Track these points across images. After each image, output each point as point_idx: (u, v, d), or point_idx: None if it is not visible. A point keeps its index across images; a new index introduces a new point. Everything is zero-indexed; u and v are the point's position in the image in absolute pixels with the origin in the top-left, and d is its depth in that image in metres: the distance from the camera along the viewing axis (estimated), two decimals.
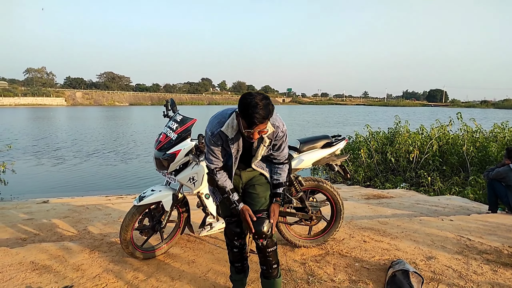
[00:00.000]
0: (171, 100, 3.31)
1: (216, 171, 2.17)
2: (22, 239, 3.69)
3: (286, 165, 2.30)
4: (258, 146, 2.13)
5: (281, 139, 2.17)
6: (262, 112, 1.84)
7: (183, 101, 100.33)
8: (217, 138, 2.08)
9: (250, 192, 2.26)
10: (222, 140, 2.09)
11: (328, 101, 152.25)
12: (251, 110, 1.82)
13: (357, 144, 10.49)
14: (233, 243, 2.30)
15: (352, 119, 40.56)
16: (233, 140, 2.08)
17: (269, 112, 1.88)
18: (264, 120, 1.88)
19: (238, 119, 1.98)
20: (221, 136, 2.07)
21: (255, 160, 2.20)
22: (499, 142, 8.80)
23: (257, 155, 2.16)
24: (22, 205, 5.56)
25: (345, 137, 3.41)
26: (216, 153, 2.14)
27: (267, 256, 2.22)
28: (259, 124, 1.87)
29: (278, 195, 2.25)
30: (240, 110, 1.90)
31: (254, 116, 1.83)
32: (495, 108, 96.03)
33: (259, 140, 2.10)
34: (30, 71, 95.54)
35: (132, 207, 2.82)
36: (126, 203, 5.70)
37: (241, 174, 2.28)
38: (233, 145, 2.09)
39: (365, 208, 5.33)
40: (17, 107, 66.30)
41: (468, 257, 3.10)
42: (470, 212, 5.12)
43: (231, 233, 2.28)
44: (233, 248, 2.32)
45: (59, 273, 2.69)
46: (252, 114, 1.83)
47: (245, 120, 1.88)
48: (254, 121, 1.84)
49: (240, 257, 2.35)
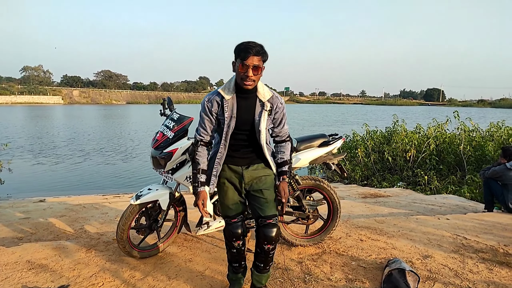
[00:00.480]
0: (168, 98, 3.30)
1: (199, 144, 2.20)
2: (18, 238, 3.67)
3: (289, 143, 2.31)
4: (261, 114, 2.10)
5: (282, 112, 2.19)
6: (256, 46, 1.93)
7: (181, 100, 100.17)
8: (211, 103, 2.11)
9: (258, 197, 2.21)
10: (218, 105, 2.10)
11: (325, 100, 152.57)
12: (246, 44, 1.93)
13: (355, 143, 10.51)
14: (232, 244, 2.26)
15: (350, 118, 40.65)
16: (228, 102, 2.08)
17: (262, 48, 1.95)
18: (258, 53, 1.93)
19: (235, 67, 2.00)
20: (217, 100, 2.10)
21: (262, 135, 2.13)
22: (496, 141, 8.84)
23: (261, 126, 2.11)
24: (19, 204, 5.54)
25: (342, 136, 3.42)
26: (206, 123, 2.16)
27: (268, 257, 2.24)
28: (253, 55, 1.91)
29: (284, 173, 2.24)
30: (235, 48, 1.96)
31: (248, 47, 1.91)
32: (491, 107, 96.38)
33: (261, 106, 2.11)
34: (27, 69, 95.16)
35: (129, 206, 2.81)
36: (123, 202, 5.69)
37: (244, 173, 2.21)
38: (227, 108, 2.07)
39: (362, 207, 5.34)
40: (13, 106, 66.01)
41: (464, 256, 3.11)
42: (466, 211, 5.14)
43: (230, 234, 2.24)
44: (231, 249, 2.29)
45: (56, 272, 2.68)
46: (246, 46, 1.92)
47: (240, 54, 1.93)
48: (249, 51, 1.90)
49: (238, 258, 2.33)
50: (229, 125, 2.10)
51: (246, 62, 1.91)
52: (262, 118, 2.10)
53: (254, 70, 1.95)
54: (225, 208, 2.28)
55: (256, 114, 2.11)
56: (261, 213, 2.18)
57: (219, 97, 2.09)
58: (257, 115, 2.11)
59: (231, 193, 2.25)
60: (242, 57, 1.92)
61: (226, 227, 2.27)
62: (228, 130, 2.11)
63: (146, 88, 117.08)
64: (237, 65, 1.98)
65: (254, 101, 2.11)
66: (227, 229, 2.26)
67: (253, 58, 1.92)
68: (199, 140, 2.20)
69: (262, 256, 2.24)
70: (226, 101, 2.07)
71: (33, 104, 71.06)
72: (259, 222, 2.19)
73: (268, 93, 2.12)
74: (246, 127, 2.14)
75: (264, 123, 2.11)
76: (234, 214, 2.25)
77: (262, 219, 2.18)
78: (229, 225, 2.24)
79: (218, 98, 2.09)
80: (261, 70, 1.99)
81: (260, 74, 2.01)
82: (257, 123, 2.11)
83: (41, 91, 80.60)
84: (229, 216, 2.26)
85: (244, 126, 2.13)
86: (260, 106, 2.11)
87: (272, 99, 2.13)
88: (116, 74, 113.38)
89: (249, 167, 2.22)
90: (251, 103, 2.11)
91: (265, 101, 2.10)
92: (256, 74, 1.97)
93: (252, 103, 2.11)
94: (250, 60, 1.91)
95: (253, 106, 2.11)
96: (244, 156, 2.22)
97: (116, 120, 33.87)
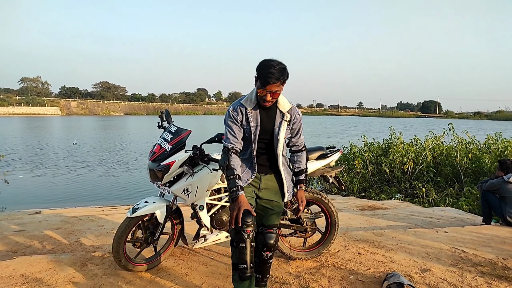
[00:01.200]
0: (166, 111, 3.31)
1: (232, 151, 2.18)
2: (12, 251, 3.63)
3: (304, 152, 2.41)
4: (280, 124, 2.20)
5: (299, 122, 2.30)
6: (276, 72, 1.98)
7: (179, 111, 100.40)
8: (237, 113, 2.18)
9: (265, 207, 2.28)
10: (242, 115, 2.18)
11: (323, 111, 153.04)
12: (266, 70, 1.98)
13: (352, 155, 10.51)
14: (241, 236, 2.04)
15: (349, 130, 40.80)
16: (251, 113, 2.17)
17: (282, 74, 2.01)
18: (277, 80, 2.00)
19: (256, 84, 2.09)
20: (241, 110, 2.18)
21: (279, 145, 2.22)
22: (493, 153, 8.87)
23: (279, 135, 2.20)
24: (14, 216, 5.49)
25: (339, 148, 3.43)
26: (234, 130, 2.19)
27: (266, 266, 2.29)
28: (272, 83, 1.99)
29: (301, 182, 2.35)
30: (257, 70, 2.04)
31: (268, 75, 1.97)
32: (488, 119, 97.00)
33: (281, 117, 2.21)
34: (25, 81, 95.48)
35: (125, 219, 2.79)
36: (119, 214, 5.65)
37: (261, 179, 2.28)
38: (252, 118, 2.16)
39: (360, 220, 5.32)
40: (11, 117, 65.89)
41: (462, 270, 3.09)
42: (464, 224, 5.13)
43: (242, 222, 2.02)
44: (239, 243, 2.05)
45: (50, 287, 2.64)
46: (266, 73, 1.97)
47: (260, 79, 2.01)
48: (268, 80, 1.98)
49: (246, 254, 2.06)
50: (255, 134, 2.19)
51: (265, 89, 2.02)
52: (282, 128, 2.21)
53: (272, 94, 2.05)
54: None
55: (276, 124, 2.22)
56: (264, 222, 2.27)
57: (244, 109, 2.18)
58: (277, 125, 2.21)
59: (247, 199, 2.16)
60: (262, 83, 2.01)
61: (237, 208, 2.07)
62: (255, 138, 2.20)
63: (144, 99, 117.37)
64: (257, 86, 2.08)
65: (274, 111, 2.22)
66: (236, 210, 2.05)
67: (271, 86, 2.01)
68: (231, 148, 2.18)
69: (260, 265, 2.28)
70: (250, 111, 2.17)
71: (31, 115, 71.04)
72: (260, 230, 2.25)
73: (288, 105, 2.24)
74: (266, 136, 2.23)
75: (283, 133, 2.21)
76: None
77: (264, 227, 2.26)
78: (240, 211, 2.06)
79: (243, 109, 2.18)
80: (280, 91, 2.09)
81: (279, 94, 2.10)
82: (276, 132, 2.21)
83: (39, 102, 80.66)
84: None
85: (265, 135, 2.23)
86: (280, 116, 2.22)
87: (291, 110, 2.24)
88: (114, 85, 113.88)
89: (267, 175, 2.30)
90: (272, 114, 2.22)
91: (285, 112, 2.22)
92: (274, 98, 2.09)
93: (273, 114, 2.22)
94: (269, 87, 2.01)
95: (273, 116, 2.22)
96: (263, 163, 2.28)
97: (114, 131, 33.83)
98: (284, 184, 2.30)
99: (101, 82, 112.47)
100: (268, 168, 2.30)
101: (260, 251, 2.24)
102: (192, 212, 3.12)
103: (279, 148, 2.23)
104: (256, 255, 2.27)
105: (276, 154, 2.25)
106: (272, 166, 2.31)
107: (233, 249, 2.11)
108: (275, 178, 2.32)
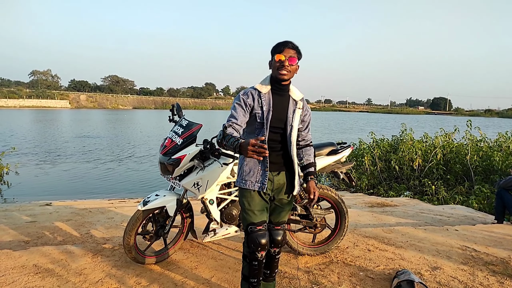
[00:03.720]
0: (177, 104, 3.31)
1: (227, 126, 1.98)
2: (25, 242, 3.68)
3: (312, 147, 2.40)
4: (294, 111, 2.19)
5: (309, 115, 2.32)
6: (291, 42, 2.08)
7: (187, 106, 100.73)
8: (247, 96, 2.13)
9: (276, 205, 2.26)
10: (253, 99, 2.12)
11: (331, 107, 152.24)
12: (283, 41, 2.08)
13: (361, 151, 10.45)
14: (255, 256, 2.12)
15: (360, 126, 40.53)
16: (265, 97, 2.13)
17: (297, 46, 2.10)
18: (294, 47, 2.07)
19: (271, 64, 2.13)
20: (253, 95, 2.13)
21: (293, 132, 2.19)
22: (504, 151, 8.75)
23: (294, 122, 2.18)
24: (25, 207, 5.56)
25: (350, 144, 3.40)
26: (239, 112, 2.08)
27: (274, 262, 2.29)
28: (290, 48, 2.06)
29: (311, 173, 2.32)
30: (273, 48, 2.11)
31: (285, 42, 2.07)
32: (499, 117, 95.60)
33: (294, 105, 2.20)
34: (35, 74, 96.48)
35: (136, 212, 2.81)
36: (129, 207, 5.69)
37: (274, 179, 2.17)
38: (265, 102, 2.12)
39: (369, 216, 5.29)
40: (21, 109, 66.68)
41: (474, 268, 3.06)
42: (475, 222, 5.07)
43: (255, 243, 2.08)
44: (252, 261, 2.15)
45: (62, 277, 2.67)
46: (284, 42, 2.08)
47: (277, 47, 2.07)
48: (286, 44, 2.06)
49: (258, 272, 2.19)
50: (268, 118, 2.11)
51: (283, 53, 2.05)
52: (296, 115, 2.19)
53: (290, 60, 2.06)
54: (249, 214, 2.14)
55: (290, 111, 2.19)
56: (273, 219, 2.26)
57: (255, 92, 2.14)
58: (290, 112, 2.19)
59: (258, 198, 2.15)
60: (279, 50, 2.06)
61: (250, 236, 2.11)
62: (266, 123, 2.10)
63: (152, 93, 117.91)
64: (273, 58, 2.09)
65: (287, 98, 2.20)
66: (251, 238, 2.10)
67: (289, 50, 2.06)
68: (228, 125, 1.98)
69: (268, 261, 2.28)
70: (263, 95, 2.13)
71: (40, 108, 71.84)
72: (268, 227, 2.22)
73: (300, 94, 2.25)
74: (279, 124, 2.17)
75: (296, 120, 2.19)
76: (260, 221, 2.13)
77: (272, 224, 2.25)
78: (254, 233, 2.10)
79: (255, 92, 2.14)
80: (296, 63, 2.11)
81: (295, 66, 2.12)
82: (290, 119, 2.18)
83: (49, 95, 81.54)
84: (254, 223, 2.12)
85: (278, 123, 2.16)
86: (293, 104, 2.21)
87: (303, 100, 2.27)
88: (123, 79, 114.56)
89: (279, 174, 2.21)
90: (285, 100, 2.19)
91: (298, 100, 2.22)
92: (292, 65, 2.08)
93: (286, 100, 2.20)
94: (286, 52, 2.06)
95: (287, 103, 2.19)
96: (275, 161, 2.19)
97: (124, 124, 34.04)
98: (296, 177, 2.23)
99: (110, 75, 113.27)
100: (281, 165, 2.21)
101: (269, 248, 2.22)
102: (202, 206, 3.13)
103: (293, 135, 2.18)
104: None
105: (290, 142, 2.17)
106: (285, 163, 2.22)
107: (245, 263, 2.22)
108: (285, 175, 2.23)
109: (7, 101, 70.55)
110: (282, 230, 2.25)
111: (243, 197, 2.16)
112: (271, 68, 2.14)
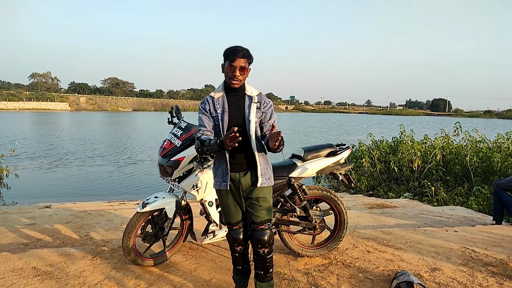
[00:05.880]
0: (176, 107, 3.32)
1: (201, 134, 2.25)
2: (24, 244, 3.68)
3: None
4: (250, 106, 2.25)
5: (270, 107, 2.34)
6: (242, 49, 2.14)
7: (186, 108, 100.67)
8: (205, 104, 2.30)
9: (253, 204, 2.29)
10: (209, 104, 2.28)
11: (331, 109, 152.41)
12: (233, 48, 2.15)
13: (360, 152, 10.45)
14: (234, 249, 2.40)
15: (358, 126, 40.51)
16: (218, 100, 2.26)
17: (248, 52, 2.16)
18: (245, 56, 2.14)
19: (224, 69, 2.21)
20: (209, 101, 2.29)
21: (251, 126, 2.22)
22: (503, 152, 8.74)
23: (250, 117, 2.22)
24: (25, 209, 5.56)
25: (349, 146, 3.41)
26: (205, 121, 2.27)
27: (266, 262, 2.33)
28: (240, 58, 2.13)
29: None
30: (224, 53, 2.18)
31: (236, 50, 2.13)
32: (498, 118, 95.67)
33: (249, 100, 2.27)
34: (35, 76, 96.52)
35: (135, 214, 2.81)
36: (128, 209, 5.69)
37: (241, 180, 2.27)
38: (218, 105, 2.25)
39: (368, 218, 5.29)
40: (21, 111, 66.69)
41: (473, 269, 3.06)
42: (474, 223, 5.07)
43: (231, 240, 2.38)
44: (234, 253, 2.43)
45: (61, 280, 2.67)
46: (234, 50, 2.13)
47: (228, 56, 2.14)
48: (236, 54, 2.12)
49: (240, 261, 2.45)
50: (223, 119, 2.23)
51: (234, 64, 2.13)
52: (252, 109, 2.25)
53: (240, 70, 2.16)
54: (226, 215, 2.38)
55: (246, 108, 2.26)
56: (254, 219, 2.29)
57: (211, 98, 2.30)
58: (246, 108, 2.26)
59: (231, 200, 2.33)
60: (230, 60, 2.14)
61: (228, 232, 2.40)
62: (223, 124, 2.22)
63: (152, 95, 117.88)
64: (225, 66, 2.19)
65: (243, 98, 2.29)
66: (229, 234, 2.39)
67: (239, 60, 2.13)
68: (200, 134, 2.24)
69: (260, 261, 2.33)
70: (217, 99, 2.27)
71: (40, 110, 71.80)
72: (252, 228, 2.29)
73: (256, 91, 2.33)
74: (238, 121, 2.24)
75: (253, 114, 2.24)
76: (235, 221, 2.36)
77: (255, 225, 2.29)
78: (231, 231, 2.37)
79: (210, 99, 2.30)
80: (247, 71, 2.21)
81: (246, 74, 2.23)
82: (247, 114, 2.25)
83: (49, 97, 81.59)
84: (230, 223, 2.37)
85: (237, 121, 2.24)
86: (249, 100, 2.28)
87: (260, 96, 2.32)
88: (123, 81, 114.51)
89: (246, 174, 2.28)
90: (240, 99, 2.29)
91: (254, 96, 2.30)
92: (243, 74, 2.19)
93: (242, 99, 2.29)
94: (237, 62, 2.13)
95: (242, 102, 2.28)
96: (239, 161, 2.27)
97: (123, 127, 34.03)
98: (258, 168, 2.24)
99: (110, 78, 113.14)
100: (245, 166, 2.27)
101: (256, 249, 2.29)
102: (201, 208, 3.13)
103: (251, 129, 2.22)
104: (254, 252, 2.33)
105: (250, 135, 2.21)
106: (250, 164, 2.27)
107: (231, 253, 2.47)
108: (252, 174, 2.28)
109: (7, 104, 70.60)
110: (267, 230, 2.28)
111: (219, 197, 2.38)
112: (223, 72, 2.25)
